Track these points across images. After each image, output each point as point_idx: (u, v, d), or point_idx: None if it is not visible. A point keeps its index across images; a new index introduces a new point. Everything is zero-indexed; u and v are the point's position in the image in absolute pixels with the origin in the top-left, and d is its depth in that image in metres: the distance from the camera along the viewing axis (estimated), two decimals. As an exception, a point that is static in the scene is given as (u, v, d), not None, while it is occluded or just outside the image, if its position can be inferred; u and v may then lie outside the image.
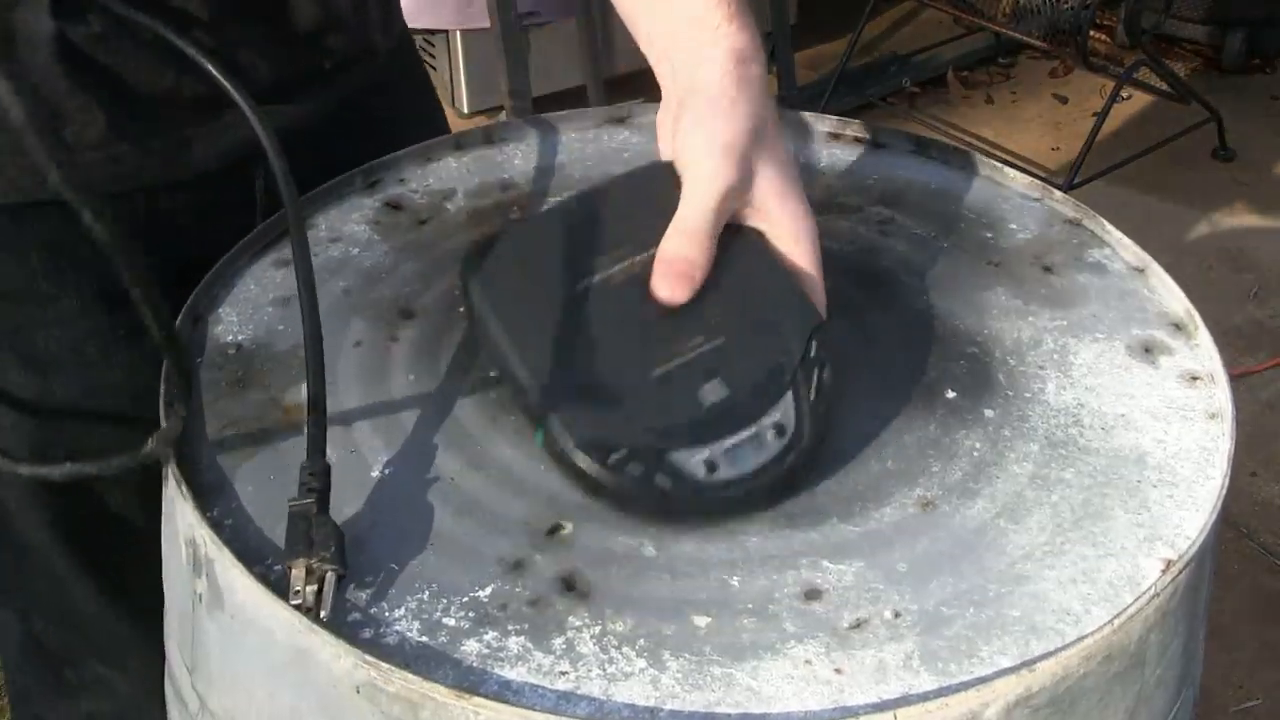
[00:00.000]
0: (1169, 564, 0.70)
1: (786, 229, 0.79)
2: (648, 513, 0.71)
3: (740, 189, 0.77)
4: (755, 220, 0.79)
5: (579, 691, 0.64)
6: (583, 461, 0.71)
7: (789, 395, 0.73)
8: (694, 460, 0.71)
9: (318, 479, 0.70)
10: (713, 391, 0.72)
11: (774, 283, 0.77)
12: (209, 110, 0.88)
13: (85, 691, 1.02)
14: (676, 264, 0.76)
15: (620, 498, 0.72)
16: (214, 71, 0.81)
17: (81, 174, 0.61)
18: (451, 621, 0.67)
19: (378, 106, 1.02)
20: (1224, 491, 0.74)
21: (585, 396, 0.72)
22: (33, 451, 0.92)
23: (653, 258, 0.77)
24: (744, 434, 0.71)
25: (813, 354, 0.74)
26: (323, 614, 0.65)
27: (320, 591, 0.65)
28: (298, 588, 0.65)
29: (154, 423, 0.73)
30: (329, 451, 0.73)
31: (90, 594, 0.98)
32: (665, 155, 0.81)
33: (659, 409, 0.72)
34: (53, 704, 1.04)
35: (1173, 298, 0.89)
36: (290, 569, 0.66)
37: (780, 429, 0.72)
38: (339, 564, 0.66)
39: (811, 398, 0.73)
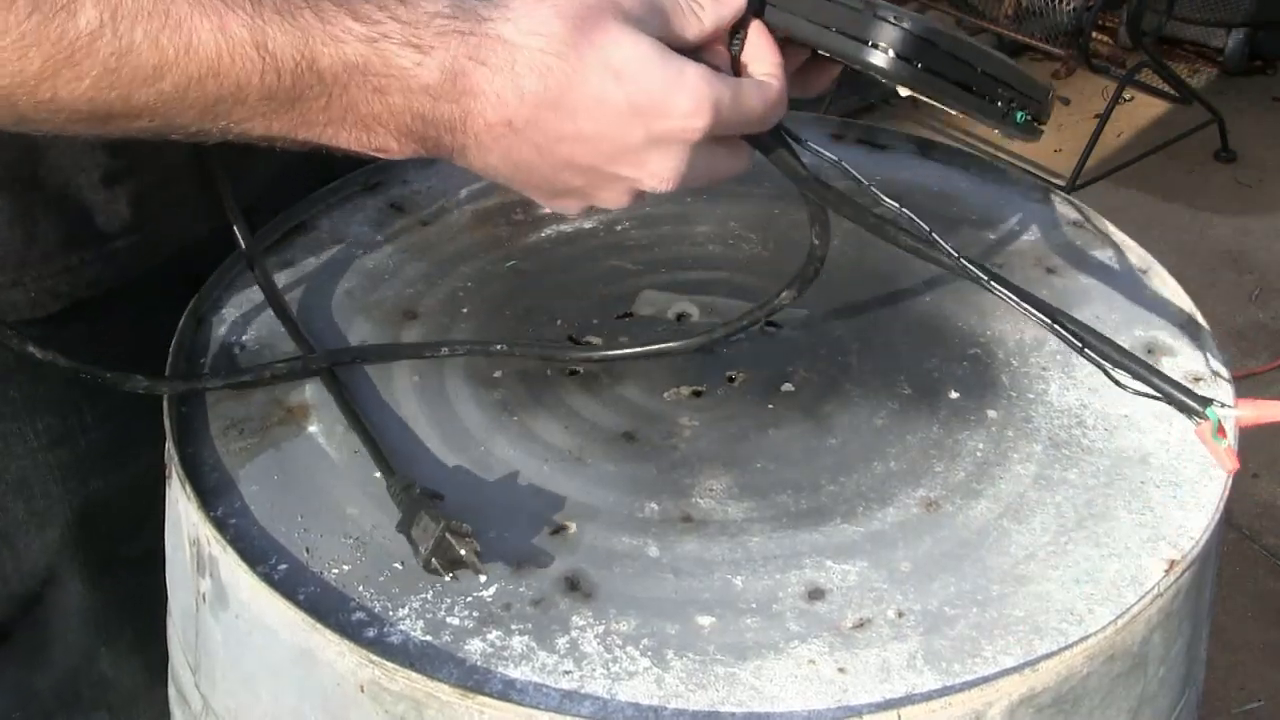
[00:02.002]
0: (1172, 564, 0.70)
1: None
2: None
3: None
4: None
5: (583, 691, 0.64)
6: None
7: None
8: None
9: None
10: None
11: None
12: None
13: None
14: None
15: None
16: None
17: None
18: (456, 621, 0.67)
19: None
20: (1227, 492, 0.74)
21: None
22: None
23: None
24: None
25: None
26: (479, 571, 0.67)
27: (465, 554, 0.67)
28: (463, 550, 0.66)
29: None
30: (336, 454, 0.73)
31: (111, 660, 0.99)
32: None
33: None
34: None
35: (1175, 299, 0.89)
36: (448, 534, 0.67)
37: None
38: (471, 559, 0.67)
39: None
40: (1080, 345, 0.68)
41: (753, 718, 0.63)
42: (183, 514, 0.73)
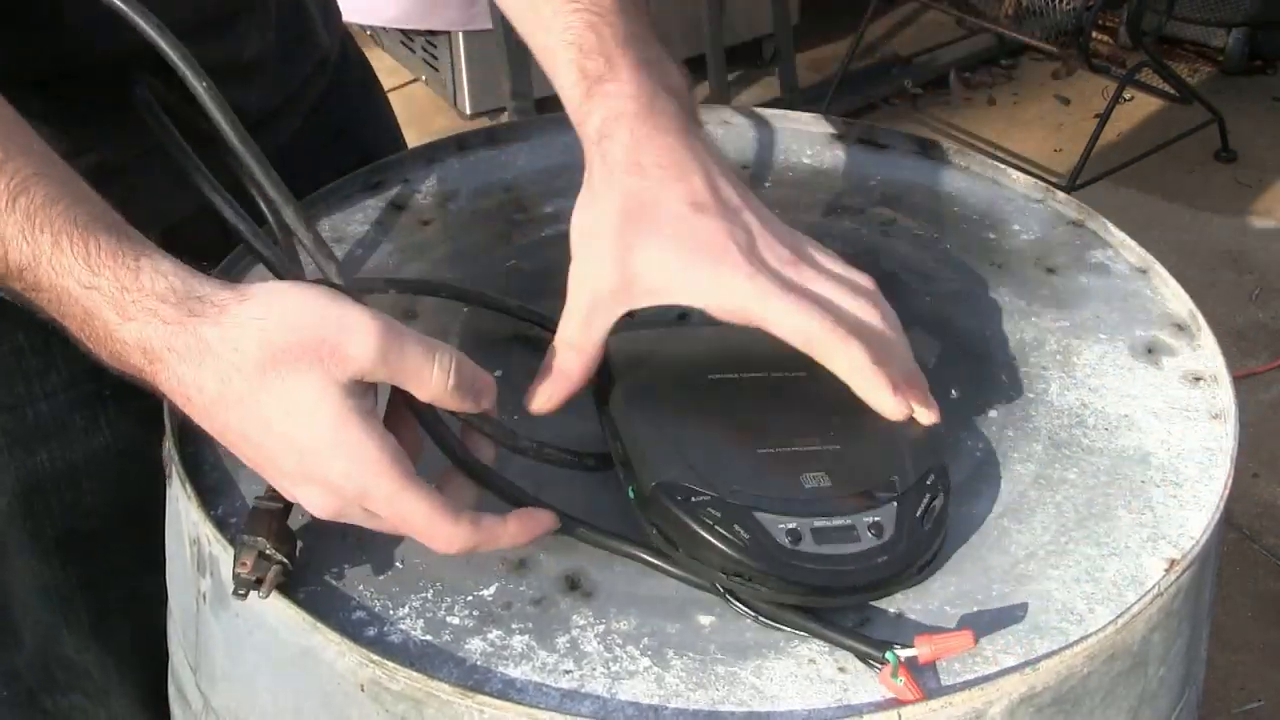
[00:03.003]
0: (1172, 563, 0.70)
1: (734, 313, 0.70)
2: (722, 568, 0.66)
3: (616, 293, 0.70)
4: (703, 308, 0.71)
5: (583, 690, 0.64)
6: (664, 500, 0.67)
7: (894, 505, 0.68)
8: (779, 525, 0.66)
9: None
10: (815, 479, 0.68)
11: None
12: None
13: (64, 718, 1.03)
14: (544, 370, 0.72)
15: (695, 545, 0.66)
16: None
17: None
18: (456, 620, 0.67)
19: (335, 109, 1.02)
20: (1227, 491, 0.74)
21: (685, 460, 0.69)
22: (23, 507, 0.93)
23: (778, 378, 0.73)
24: (837, 520, 0.66)
25: (929, 483, 0.69)
26: (260, 594, 0.66)
27: (267, 577, 0.66)
28: (246, 560, 0.66)
29: (141, 480, 0.75)
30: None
31: (75, 647, 0.99)
32: None
33: (755, 475, 0.68)
34: None
35: (1175, 299, 0.89)
36: (244, 545, 0.66)
37: (878, 529, 0.66)
38: (288, 560, 0.67)
39: (919, 515, 0.68)
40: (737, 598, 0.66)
41: (753, 717, 0.63)
42: (183, 514, 0.73)
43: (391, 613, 0.67)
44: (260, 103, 0.91)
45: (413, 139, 1.09)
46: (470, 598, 0.68)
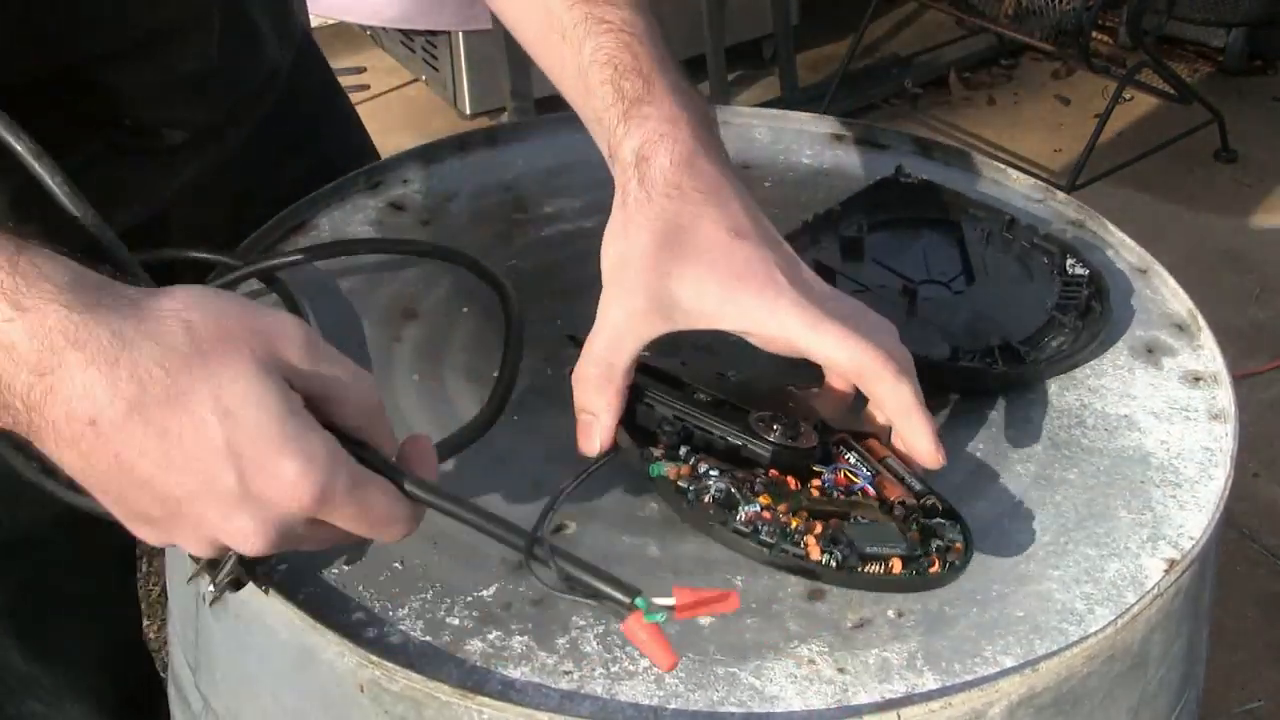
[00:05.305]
0: (1172, 564, 0.70)
1: (779, 341, 0.70)
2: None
3: (649, 313, 0.70)
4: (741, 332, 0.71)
5: (583, 691, 0.64)
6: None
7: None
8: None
9: None
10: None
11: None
12: None
13: None
14: (580, 416, 0.71)
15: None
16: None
17: None
18: (455, 621, 0.67)
19: (291, 118, 1.00)
20: (1227, 492, 0.74)
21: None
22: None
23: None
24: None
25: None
26: (206, 594, 0.64)
27: (216, 579, 0.65)
28: (207, 572, 0.65)
29: None
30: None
31: (22, 656, 0.99)
32: None
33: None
34: None
35: (1175, 299, 0.89)
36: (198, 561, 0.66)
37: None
38: (241, 572, 0.66)
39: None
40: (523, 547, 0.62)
41: (753, 718, 0.63)
42: (183, 514, 0.73)
43: (391, 613, 0.67)
44: (205, 116, 0.90)
45: (413, 139, 1.09)
46: (470, 598, 0.68)
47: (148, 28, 0.83)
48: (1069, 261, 0.87)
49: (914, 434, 0.69)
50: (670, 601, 0.57)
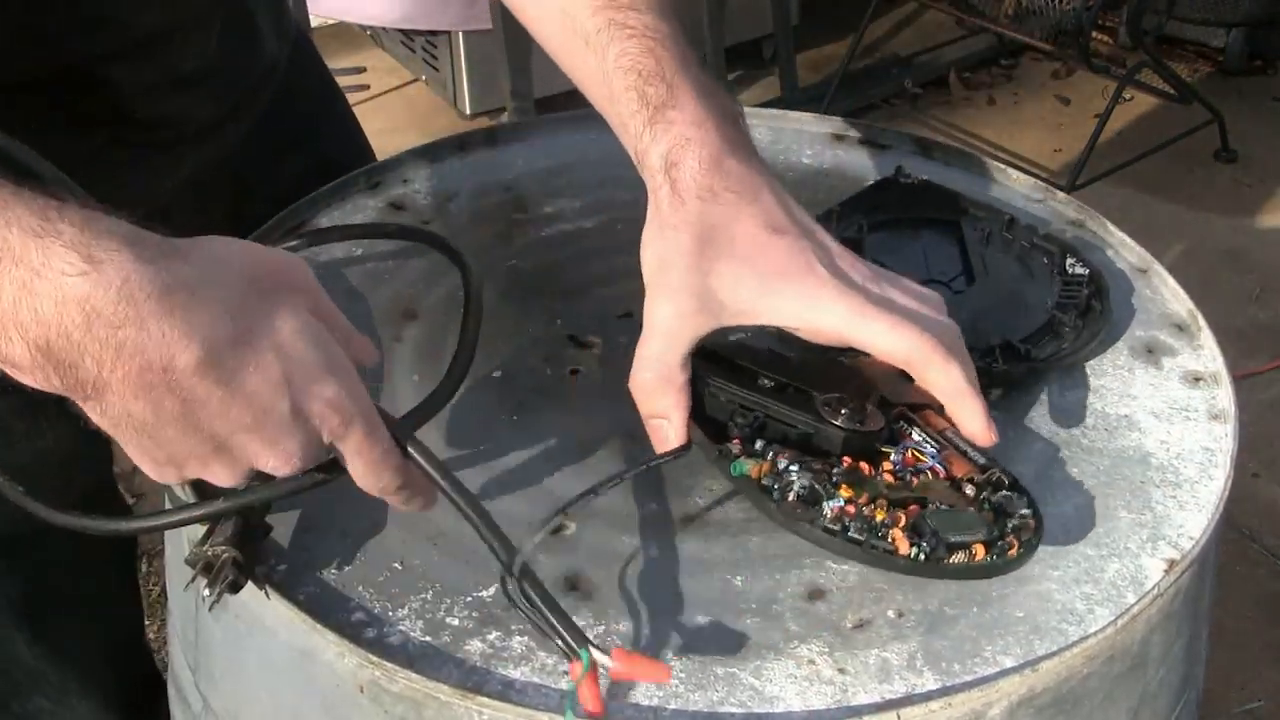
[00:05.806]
0: (1172, 564, 0.70)
1: (825, 333, 0.71)
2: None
3: (697, 312, 0.71)
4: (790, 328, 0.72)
5: (582, 691, 0.64)
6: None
7: None
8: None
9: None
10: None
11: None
12: None
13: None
14: (649, 422, 0.72)
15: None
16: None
17: None
18: (455, 621, 0.67)
19: (289, 115, 1.00)
20: (1227, 492, 0.74)
21: None
22: None
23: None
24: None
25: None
26: (204, 597, 0.65)
27: (214, 579, 0.65)
28: (204, 576, 0.65)
29: (85, 481, 0.72)
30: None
31: (30, 651, 0.99)
32: None
33: None
34: None
35: (1175, 299, 0.89)
36: (196, 557, 0.66)
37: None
38: (238, 575, 0.66)
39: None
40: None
41: (753, 718, 0.63)
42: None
43: (391, 614, 0.67)
44: (206, 111, 0.90)
45: (413, 139, 1.09)
46: (470, 599, 0.68)
47: (149, 27, 0.83)
48: (1069, 261, 0.87)
49: (965, 416, 0.71)
50: (608, 662, 0.60)
